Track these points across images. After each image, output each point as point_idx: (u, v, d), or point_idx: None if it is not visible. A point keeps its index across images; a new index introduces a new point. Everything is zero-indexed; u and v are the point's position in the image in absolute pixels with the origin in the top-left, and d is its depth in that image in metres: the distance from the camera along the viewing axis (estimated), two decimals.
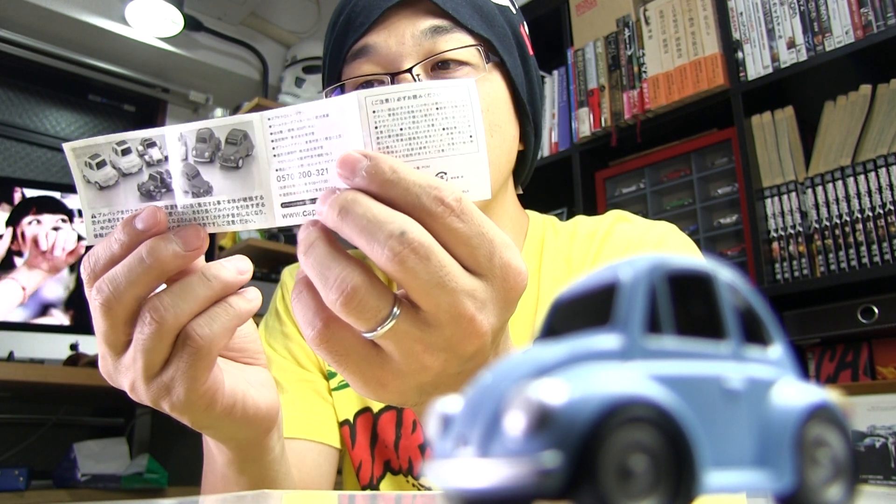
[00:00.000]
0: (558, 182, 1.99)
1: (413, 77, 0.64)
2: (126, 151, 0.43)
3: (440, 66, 0.66)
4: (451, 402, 0.22)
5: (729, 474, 0.20)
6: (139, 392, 0.45)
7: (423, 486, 0.73)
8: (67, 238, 2.05)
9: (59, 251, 2.02)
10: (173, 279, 0.43)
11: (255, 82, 3.12)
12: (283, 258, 2.43)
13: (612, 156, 1.92)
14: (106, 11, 2.70)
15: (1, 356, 1.98)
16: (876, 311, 1.36)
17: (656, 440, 0.18)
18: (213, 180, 0.42)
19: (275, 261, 2.45)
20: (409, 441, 0.74)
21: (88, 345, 2.12)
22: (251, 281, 0.45)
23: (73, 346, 2.11)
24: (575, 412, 0.17)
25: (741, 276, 0.24)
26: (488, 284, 0.39)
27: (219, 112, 2.75)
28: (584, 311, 0.23)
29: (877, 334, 1.42)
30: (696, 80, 1.67)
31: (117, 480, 1.88)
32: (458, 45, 0.65)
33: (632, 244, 0.74)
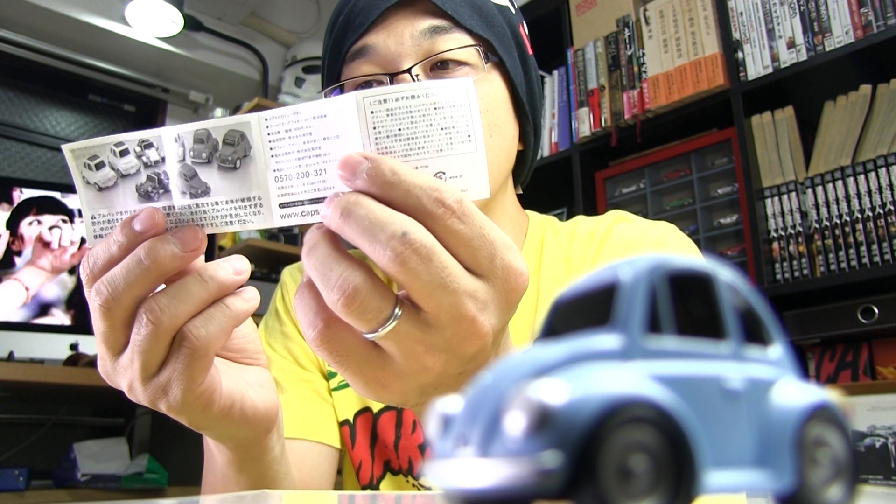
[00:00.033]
0: (558, 182, 1.99)
1: (412, 77, 0.64)
2: (124, 153, 0.43)
3: (439, 67, 0.66)
4: (452, 403, 0.22)
5: (729, 474, 0.20)
6: (137, 392, 0.45)
7: (423, 486, 0.73)
8: (73, 236, 2.05)
9: (66, 243, 2.02)
10: (172, 280, 0.43)
11: (255, 82, 3.12)
12: (283, 258, 2.43)
13: (612, 156, 1.92)
14: (106, 11, 2.70)
15: (1, 356, 1.98)
16: (876, 311, 1.36)
17: (656, 440, 0.18)
18: (211, 181, 0.42)
19: (275, 261, 2.45)
20: (408, 441, 0.74)
21: (88, 345, 2.12)
22: (250, 281, 0.45)
23: (73, 346, 2.10)
24: (575, 412, 0.17)
25: (741, 276, 0.24)
26: (489, 285, 0.39)
27: (219, 112, 2.75)
28: (584, 311, 0.23)
29: (877, 334, 1.42)
30: (696, 80, 1.67)
31: (117, 480, 1.88)
32: (458, 45, 0.65)
33: (632, 244, 0.74)
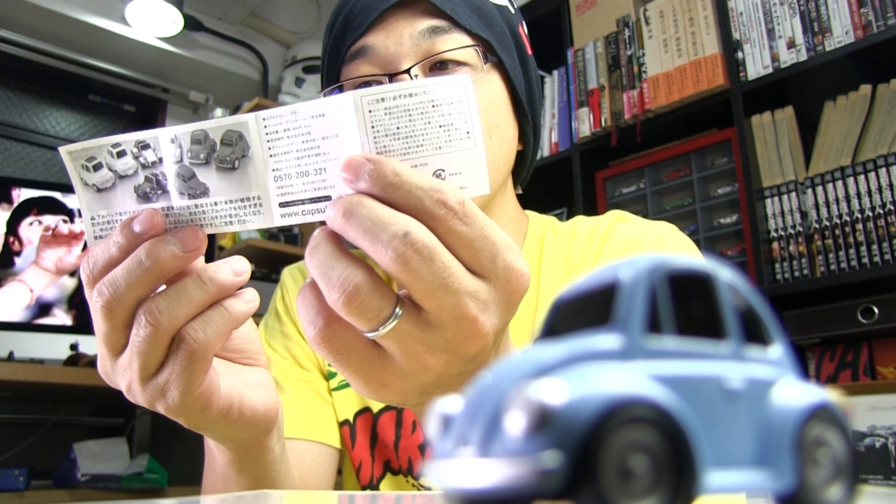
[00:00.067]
0: (558, 182, 1.99)
1: (411, 78, 0.64)
2: (121, 154, 0.43)
3: (438, 67, 0.66)
4: (452, 403, 0.22)
5: (729, 474, 0.20)
6: (135, 393, 0.45)
7: (423, 486, 0.73)
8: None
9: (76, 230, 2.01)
10: (172, 280, 0.43)
11: (255, 82, 3.11)
12: (283, 258, 2.43)
13: (612, 156, 1.92)
14: (106, 11, 2.70)
15: (1, 356, 1.98)
16: (876, 311, 1.36)
17: (656, 440, 0.18)
18: (210, 181, 0.42)
19: (275, 261, 2.45)
20: (408, 441, 0.74)
21: (88, 345, 2.12)
22: (250, 281, 0.45)
23: (73, 346, 2.10)
24: (575, 412, 0.17)
25: (741, 276, 0.24)
26: (491, 286, 0.39)
27: (219, 112, 2.75)
28: (584, 311, 0.23)
29: (877, 334, 1.42)
30: (696, 80, 1.67)
31: (117, 480, 1.88)
32: (457, 45, 0.65)
33: (631, 244, 0.74)
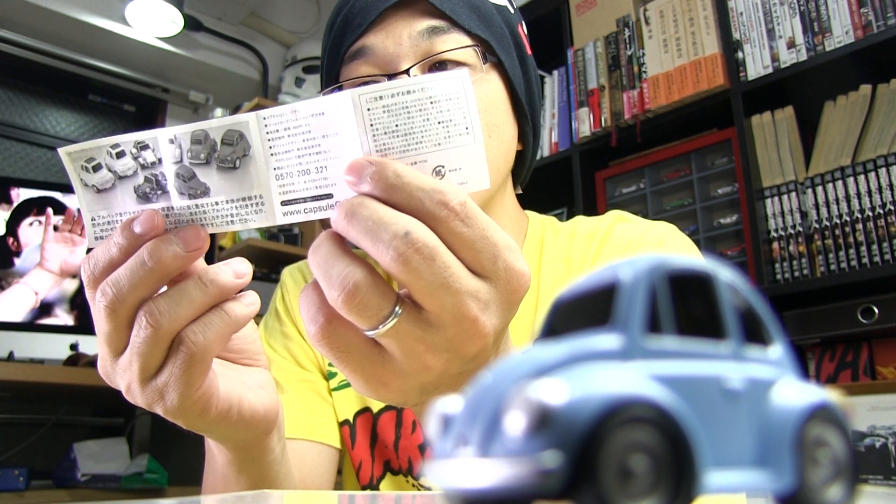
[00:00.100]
0: (558, 182, 1.99)
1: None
2: (120, 154, 0.43)
3: (437, 67, 0.66)
4: (452, 402, 0.22)
5: (729, 474, 0.20)
6: (135, 394, 0.45)
7: (423, 486, 0.73)
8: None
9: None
10: (175, 281, 0.43)
11: (255, 82, 3.12)
12: (283, 258, 2.43)
13: (612, 156, 1.92)
14: (106, 11, 2.70)
15: (1, 356, 1.98)
16: (876, 311, 1.36)
17: (656, 440, 0.18)
18: (210, 181, 0.42)
19: (275, 261, 2.45)
20: (408, 441, 0.74)
21: (88, 345, 2.12)
22: (250, 281, 0.45)
23: (73, 346, 2.10)
24: (575, 412, 0.17)
25: (741, 276, 0.24)
26: (492, 286, 0.39)
27: (219, 112, 2.75)
28: (584, 311, 0.23)
29: (877, 334, 1.42)
30: (696, 80, 1.67)
31: (117, 480, 1.88)
32: (456, 45, 0.65)
33: (631, 244, 0.74)
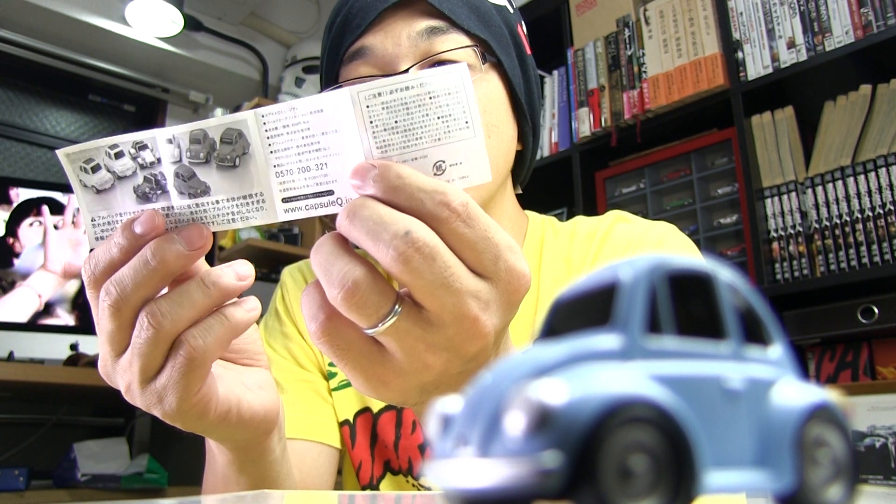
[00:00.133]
0: (558, 182, 1.99)
1: None
2: (119, 155, 0.43)
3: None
4: (451, 402, 0.22)
5: (729, 474, 0.20)
6: (134, 394, 0.45)
7: (422, 486, 0.73)
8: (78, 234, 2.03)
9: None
10: (178, 280, 0.43)
11: (255, 82, 3.11)
12: (283, 258, 2.43)
13: (612, 156, 1.92)
14: (106, 11, 2.70)
15: (1, 356, 1.98)
16: (876, 311, 1.36)
17: (656, 440, 0.18)
18: (211, 180, 0.42)
19: (275, 261, 2.45)
20: (408, 441, 0.74)
21: (88, 345, 2.12)
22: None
23: (73, 346, 2.10)
24: (575, 412, 0.17)
25: (741, 276, 0.24)
26: (492, 286, 0.39)
27: (219, 112, 2.75)
28: (584, 311, 0.23)
29: (877, 334, 1.42)
30: (696, 80, 1.67)
31: (117, 480, 1.88)
32: (455, 45, 0.65)
33: (631, 244, 0.74)
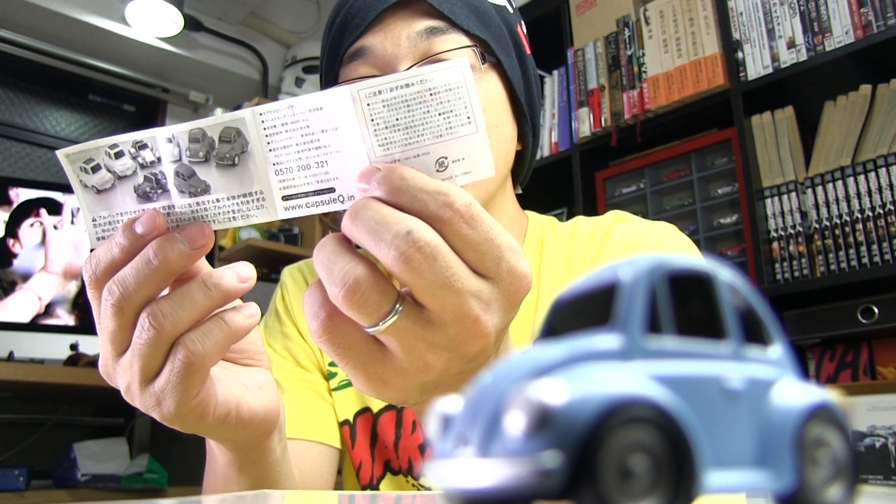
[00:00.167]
0: (558, 182, 1.99)
1: None
2: (119, 154, 0.43)
3: None
4: (451, 402, 0.22)
5: (729, 474, 0.20)
6: (133, 395, 0.45)
7: (423, 486, 0.73)
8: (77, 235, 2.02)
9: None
10: (180, 280, 0.43)
11: (255, 82, 3.11)
12: (283, 258, 2.43)
13: (612, 156, 1.92)
14: (106, 11, 2.70)
15: (1, 356, 1.98)
16: (876, 311, 1.36)
17: (656, 440, 0.18)
18: (210, 179, 0.42)
19: (275, 261, 2.45)
20: (408, 441, 0.74)
21: (88, 345, 2.12)
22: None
23: (73, 346, 2.10)
24: (575, 412, 0.17)
25: (741, 276, 0.24)
26: (494, 286, 0.39)
27: (219, 112, 2.75)
28: (584, 311, 0.23)
29: (877, 334, 1.42)
30: (696, 80, 1.67)
31: (117, 480, 1.88)
32: (454, 45, 0.65)
33: (631, 244, 0.74)
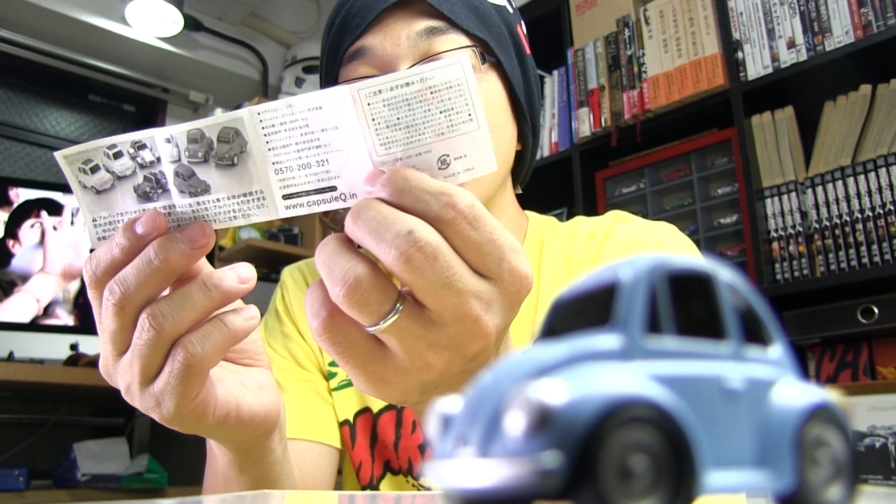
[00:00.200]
0: (558, 182, 1.99)
1: None
2: (118, 155, 0.43)
3: None
4: (451, 402, 0.22)
5: (729, 474, 0.20)
6: (133, 395, 0.45)
7: (422, 486, 0.73)
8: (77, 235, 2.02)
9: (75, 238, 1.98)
10: (181, 280, 0.43)
11: (255, 82, 3.11)
12: (283, 258, 2.43)
13: (612, 156, 1.92)
14: (106, 11, 2.70)
15: (1, 356, 1.98)
16: (876, 311, 1.36)
17: (656, 440, 0.18)
18: (210, 179, 0.42)
19: (275, 261, 2.45)
20: (408, 441, 0.74)
21: (88, 345, 2.12)
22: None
23: (73, 346, 2.10)
24: (575, 412, 0.17)
25: (741, 276, 0.24)
26: (495, 287, 0.39)
27: (219, 112, 2.74)
28: (584, 311, 0.23)
29: (877, 334, 1.42)
30: (696, 80, 1.67)
31: (117, 480, 1.88)
32: (454, 45, 0.65)
33: (631, 244, 0.74)
